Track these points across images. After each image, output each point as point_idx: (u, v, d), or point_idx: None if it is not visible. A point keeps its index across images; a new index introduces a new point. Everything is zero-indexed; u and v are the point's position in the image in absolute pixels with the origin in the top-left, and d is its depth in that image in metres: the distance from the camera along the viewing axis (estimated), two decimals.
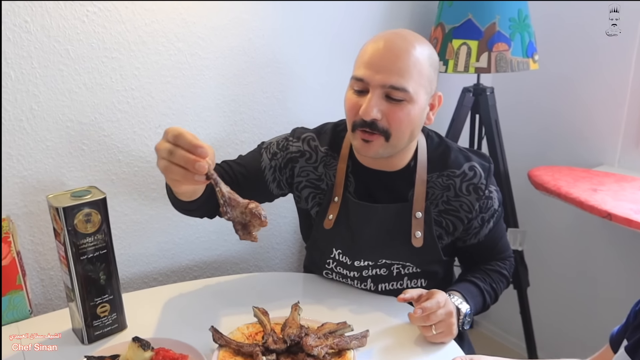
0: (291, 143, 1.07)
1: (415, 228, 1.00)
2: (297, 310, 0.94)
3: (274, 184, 1.08)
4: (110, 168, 1.16)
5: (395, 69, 0.89)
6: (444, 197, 1.01)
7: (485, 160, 1.04)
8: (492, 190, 1.03)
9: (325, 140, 1.07)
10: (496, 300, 1.09)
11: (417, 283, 1.07)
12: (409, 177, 1.02)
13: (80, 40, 1.06)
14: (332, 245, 1.07)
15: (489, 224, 1.05)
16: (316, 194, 1.07)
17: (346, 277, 1.08)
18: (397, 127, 0.92)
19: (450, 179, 1.01)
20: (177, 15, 1.16)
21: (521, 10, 1.33)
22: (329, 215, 1.04)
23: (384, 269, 1.05)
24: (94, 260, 0.90)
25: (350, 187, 1.05)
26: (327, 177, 1.06)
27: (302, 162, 1.07)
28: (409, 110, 0.91)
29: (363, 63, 0.92)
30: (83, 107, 1.10)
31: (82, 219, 0.86)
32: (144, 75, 1.15)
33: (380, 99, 0.90)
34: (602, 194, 1.27)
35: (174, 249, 1.31)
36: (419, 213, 1.00)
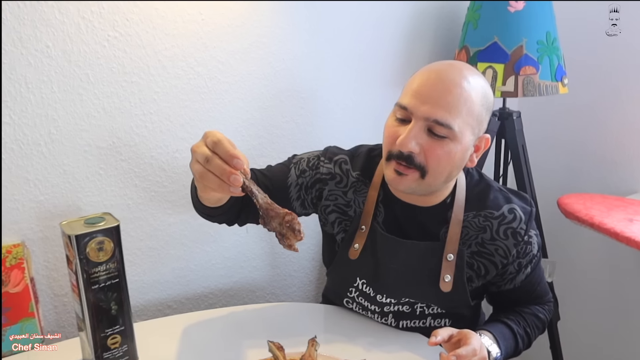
0: (322, 163, 1.02)
1: (445, 271, 0.94)
2: (314, 345, 0.90)
3: (298, 202, 1.03)
4: (127, 193, 1.14)
5: (444, 102, 0.83)
6: (479, 238, 0.95)
7: (527, 203, 0.97)
8: (532, 235, 0.96)
9: (357, 164, 1.02)
10: (529, 346, 1.02)
11: (441, 322, 1.01)
12: (443, 214, 0.96)
13: (100, 64, 1.06)
14: (356, 275, 1.01)
15: (527, 269, 0.99)
16: (342, 219, 1.02)
17: (367, 309, 1.03)
18: (434, 165, 0.85)
19: (487, 220, 0.95)
20: (197, 40, 1.15)
21: (549, 33, 1.29)
22: (355, 245, 0.99)
23: (406, 306, 1.00)
24: (106, 289, 0.87)
25: (379, 217, 0.99)
26: (356, 203, 1.01)
27: (332, 185, 1.01)
28: (451, 149, 0.85)
29: (410, 91, 0.86)
30: (101, 131, 1.09)
31: (95, 247, 0.84)
32: (163, 100, 1.14)
33: (421, 132, 0.84)
34: (639, 224, 1.20)
35: (189, 275, 1.28)
36: (451, 255, 0.94)
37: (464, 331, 0.86)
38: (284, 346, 0.90)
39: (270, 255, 1.41)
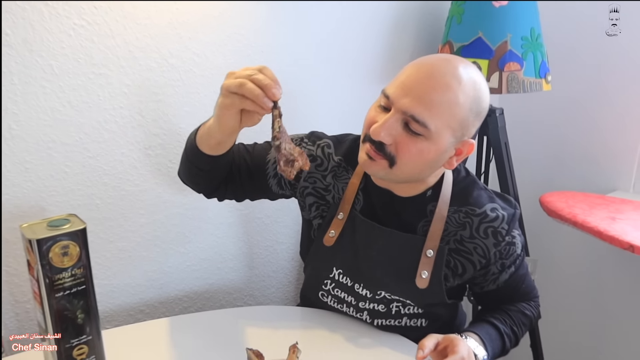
0: (305, 144, 1.01)
1: (422, 267, 0.91)
2: (295, 352, 0.86)
3: (274, 179, 1.01)
4: (95, 192, 1.08)
5: (426, 99, 0.79)
6: (458, 235, 0.92)
7: (511, 205, 0.95)
8: (514, 235, 0.94)
9: (341, 150, 1.00)
10: (516, 344, 1.00)
11: (417, 322, 0.99)
12: (422, 206, 0.94)
13: (65, 55, 0.99)
14: (332, 264, 0.99)
15: (510, 269, 0.97)
16: (320, 204, 1.00)
17: (342, 301, 1.00)
18: (404, 159, 0.82)
19: (468, 216, 0.92)
20: (171, 30, 1.09)
21: (533, 29, 1.27)
22: (331, 232, 0.97)
23: (382, 305, 0.97)
24: (71, 296, 0.81)
25: (358, 205, 0.97)
26: (335, 189, 0.98)
27: (312, 168, 0.99)
28: (424, 147, 0.81)
29: (397, 81, 0.83)
30: (67, 126, 1.02)
31: (59, 251, 0.78)
32: (134, 93, 1.08)
33: (397, 124, 0.81)
34: (622, 223, 1.20)
35: (163, 278, 1.22)
36: (431, 251, 0.91)
37: (449, 337, 0.83)
38: (264, 353, 0.86)
39: (248, 256, 1.36)
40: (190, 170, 0.97)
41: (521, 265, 0.99)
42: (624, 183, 1.50)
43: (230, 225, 1.30)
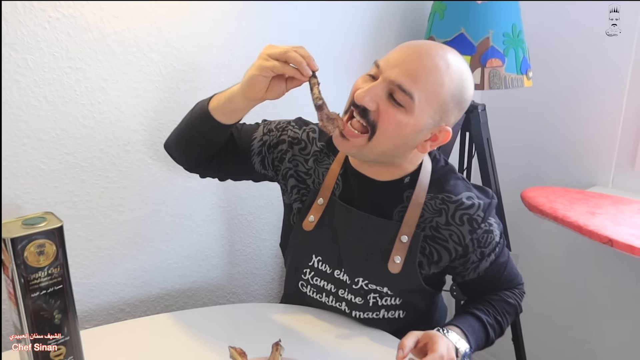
0: (291, 127, 1.03)
1: (396, 252, 0.92)
2: (278, 350, 0.86)
3: (258, 158, 1.02)
4: (73, 189, 1.06)
5: (412, 72, 0.82)
6: (434, 222, 0.93)
7: (487, 196, 0.95)
8: (491, 222, 0.95)
9: (325, 136, 1.01)
10: (502, 334, 1.01)
11: (395, 314, 0.99)
12: (399, 192, 0.94)
13: (40, 48, 0.96)
14: (311, 251, 0.99)
15: (490, 257, 0.97)
16: (300, 188, 1.01)
17: (322, 290, 1.00)
18: (384, 128, 0.83)
19: (444, 203, 0.93)
20: (150, 24, 1.07)
21: (515, 25, 1.28)
22: (310, 217, 0.97)
23: (359, 297, 0.97)
24: (48, 296, 0.79)
25: (337, 191, 0.98)
26: (316, 174, 0.99)
27: (296, 151, 1.01)
28: (403, 119, 0.83)
29: (389, 55, 0.86)
30: (43, 122, 0.99)
31: (34, 250, 0.76)
32: (112, 88, 1.06)
33: (382, 93, 0.83)
34: (601, 217, 1.21)
35: (144, 276, 1.21)
36: (405, 237, 0.91)
37: (428, 334, 0.83)
38: (246, 351, 0.85)
39: (231, 253, 1.35)
40: (192, 137, 0.96)
41: (501, 253, 1.00)
42: (603, 178, 1.52)
43: (212, 222, 1.29)
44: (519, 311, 1.05)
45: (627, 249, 1.08)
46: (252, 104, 0.88)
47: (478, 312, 0.97)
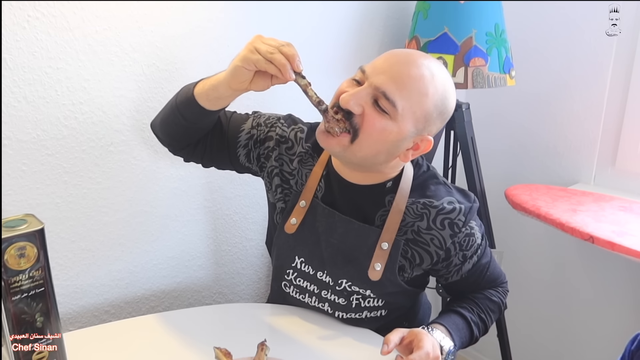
0: (280, 125, 1.02)
1: (376, 259, 0.92)
2: (263, 350, 0.86)
3: (244, 150, 1.02)
4: (55, 191, 1.04)
5: (399, 80, 0.82)
6: (415, 226, 0.93)
7: (468, 199, 0.96)
8: (472, 226, 0.95)
9: (311, 137, 1.00)
10: (486, 332, 1.02)
11: (377, 313, 0.99)
12: (380, 197, 0.94)
13: (20, 48, 0.95)
14: (294, 253, 0.99)
15: (472, 259, 0.98)
16: (284, 188, 1.01)
17: (305, 291, 1.00)
18: (367, 133, 0.83)
19: (425, 207, 0.93)
20: (132, 23, 1.06)
21: (498, 25, 1.29)
22: (292, 219, 0.97)
23: (342, 298, 0.97)
24: (29, 299, 0.78)
25: (319, 193, 0.98)
26: (299, 174, 0.99)
27: (282, 149, 1.00)
28: (387, 126, 0.83)
29: (375, 62, 0.87)
30: (23, 122, 0.98)
31: (15, 253, 0.75)
32: (94, 88, 1.04)
33: (367, 98, 0.83)
34: (583, 214, 1.23)
35: (128, 277, 1.20)
36: (386, 244, 0.92)
37: (414, 332, 0.84)
38: (232, 351, 0.85)
39: (216, 253, 1.34)
40: (176, 120, 0.95)
41: (483, 254, 1.00)
42: (585, 176, 1.55)
43: (197, 222, 1.28)
44: (502, 309, 1.06)
45: (608, 245, 1.10)
46: (237, 93, 0.87)
47: (462, 310, 0.98)
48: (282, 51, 0.78)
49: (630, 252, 1.06)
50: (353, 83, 0.87)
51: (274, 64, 0.78)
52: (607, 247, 1.10)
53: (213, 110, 0.91)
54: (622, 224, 1.18)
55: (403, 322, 1.04)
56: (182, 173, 1.22)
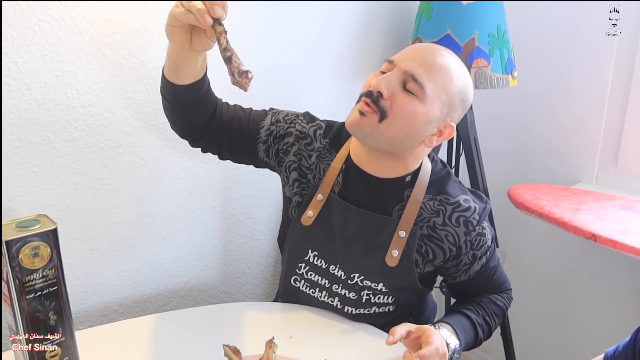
0: (299, 121, 1.04)
1: (394, 246, 0.95)
2: (272, 347, 0.87)
3: (264, 146, 1.03)
4: (65, 192, 1.06)
5: (426, 64, 0.87)
6: (431, 222, 0.95)
7: (482, 200, 0.99)
8: (484, 226, 0.98)
9: (329, 133, 1.03)
10: (489, 335, 1.03)
11: (385, 309, 1.01)
12: (400, 191, 0.97)
13: (31, 51, 0.96)
14: (308, 246, 1.00)
15: (481, 260, 1.00)
16: (302, 182, 1.02)
17: (316, 285, 1.02)
18: (396, 114, 0.87)
19: (442, 204, 0.95)
20: (140, 27, 1.08)
21: (500, 26, 1.31)
22: (309, 212, 0.99)
23: (353, 292, 0.99)
24: (43, 298, 0.79)
25: (337, 187, 0.99)
26: (317, 169, 1.01)
27: (301, 145, 1.02)
28: (415, 107, 0.87)
29: (401, 52, 0.91)
30: (34, 125, 1.00)
31: (29, 253, 0.77)
32: (104, 91, 1.06)
33: (396, 82, 0.87)
34: (585, 213, 1.24)
35: (137, 277, 1.21)
36: (403, 232, 0.94)
37: (422, 328, 0.85)
38: (240, 349, 0.86)
39: (223, 252, 1.36)
40: (163, 103, 0.96)
41: (492, 258, 1.03)
42: (587, 175, 1.56)
43: (204, 222, 1.30)
44: (506, 314, 1.08)
45: (610, 243, 1.11)
46: (187, 56, 0.85)
47: (468, 312, 0.99)
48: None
49: (633, 250, 1.07)
50: (380, 74, 0.90)
51: (192, 12, 0.76)
52: (610, 246, 1.11)
53: (185, 85, 0.89)
54: (624, 222, 1.19)
55: (409, 318, 1.06)
56: (189, 174, 1.24)
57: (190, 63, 0.86)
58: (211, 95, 0.97)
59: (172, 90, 0.90)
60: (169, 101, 0.93)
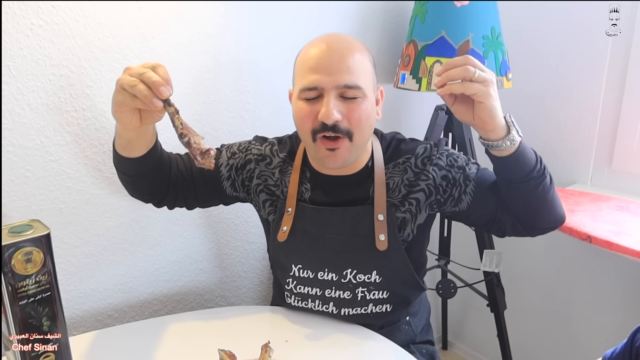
0: (253, 146, 1.06)
1: (378, 231, 0.96)
2: (267, 351, 0.87)
3: (228, 182, 1.05)
4: (59, 196, 1.05)
5: (345, 68, 0.87)
6: (405, 181, 0.98)
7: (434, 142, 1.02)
8: (447, 148, 1.00)
9: (284, 148, 1.06)
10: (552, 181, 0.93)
11: (383, 309, 1.01)
12: (368, 176, 0.99)
13: (23, 55, 0.96)
14: (290, 261, 1.01)
15: (469, 166, 0.98)
16: (272, 200, 1.04)
17: (307, 297, 1.02)
18: (357, 124, 0.89)
19: (405, 163, 0.99)
20: (133, 30, 1.07)
21: (494, 28, 1.31)
22: (283, 227, 1.00)
23: (347, 292, 0.99)
24: (36, 304, 0.79)
25: (306, 195, 1.01)
26: (283, 183, 1.03)
27: (262, 167, 1.04)
28: (365, 106, 0.89)
29: (310, 70, 0.89)
30: (27, 129, 0.99)
31: (21, 258, 0.76)
32: (97, 95, 1.06)
33: (337, 101, 0.88)
34: (580, 215, 1.25)
35: (131, 281, 1.20)
36: (381, 215, 0.96)
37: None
38: (236, 353, 0.85)
39: (218, 257, 1.35)
40: (120, 177, 0.99)
41: (479, 167, 1.00)
42: (582, 176, 1.56)
43: (199, 226, 1.29)
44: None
45: (605, 244, 1.11)
46: (140, 134, 0.86)
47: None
48: (144, 79, 0.74)
49: (628, 251, 1.07)
50: (309, 103, 0.89)
51: (138, 97, 0.75)
52: (605, 247, 1.11)
53: (142, 155, 0.90)
54: (619, 223, 1.20)
55: (406, 317, 1.06)
56: None
57: (143, 135, 0.88)
58: (164, 153, 0.99)
59: (129, 164, 0.91)
60: (129, 175, 0.96)
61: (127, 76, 0.75)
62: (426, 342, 1.12)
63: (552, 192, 0.92)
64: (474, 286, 1.62)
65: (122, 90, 0.76)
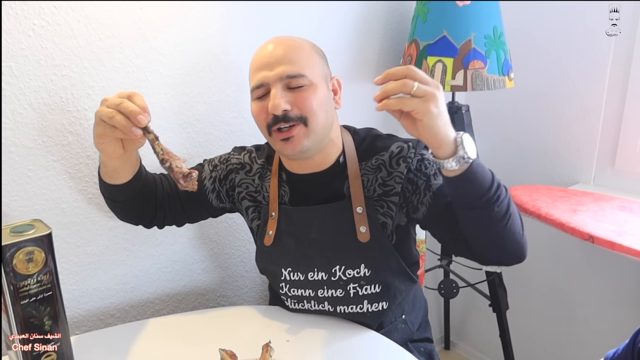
0: (232, 157, 1.08)
1: (359, 223, 0.96)
2: (268, 351, 0.87)
3: (213, 194, 1.07)
4: (61, 196, 1.06)
5: (287, 60, 0.89)
6: (379, 179, 0.97)
7: (413, 139, 0.97)
8: (423, 153, 0.96)
9: (262, 154, 1.07)
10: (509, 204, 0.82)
11: (379, 307, 1.01)
12: (342, 172, 0.99)
13: (25, 56, 0.96)
14: (280, 266, 1.01)
15: (436, 178, 0.92)
16: (255, 206, 1.05)
17: (302, 298, 1.02)
18: (309, 109, 0.90)
19: (379, 160, 0.97)
20: (135, 30, 1.08)
21: (496, 28, 1.31)
22: (269, 232, 1.01)
23: (339, 289, 0.99)
24: (37, 303, 0.79)
25: (286, 198, 1.02)
26: (263, 189, 1.04)
27: (242, 175, 1.06)
28: (314, 92, 0.90)
29: (256, 69, 0.92)
30: (29, 129, 0.99)
31: (23, 258, 0.76)
32: (99, 95, 1.06)
33: (283, 91, 0.89)
34: (582, 215, 1.24)
35: (133, 281, 1.21)
36: (360, 208, 0.96)
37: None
38: (237, 353, 0.86)
39: (220, 256, 1.35)
40: (108, 204, 1.01)
41: None
42: (585, 176, 1.56)
43: (200, 226, 1.29)
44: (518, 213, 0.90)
45: (608, 245, 1.11)
46: (124, 162, 0.89)
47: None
48: (122, 109, 0.76)
49: (630, 251, 1.07)
50: (261, 101, 0.91)
51: (118, 127, 0.77)
52: (607, 247, 1.11)
53: (128, 180, 0.93)
54: (621, 223, 1.19)
55: (402, 315, 1.06)
56: None
57: (127, 162, 0.91)
58: (149, 175, 1.01)
59: (116, 191, 0.94)
60: (117, 201, 0.98)
61: (105, 108, 0.78)
62: (424, 339, 1.12)
63: (506, 224, 0.82)
64: (476, 286, 1.62)
65: (102, 122, 0.78)
